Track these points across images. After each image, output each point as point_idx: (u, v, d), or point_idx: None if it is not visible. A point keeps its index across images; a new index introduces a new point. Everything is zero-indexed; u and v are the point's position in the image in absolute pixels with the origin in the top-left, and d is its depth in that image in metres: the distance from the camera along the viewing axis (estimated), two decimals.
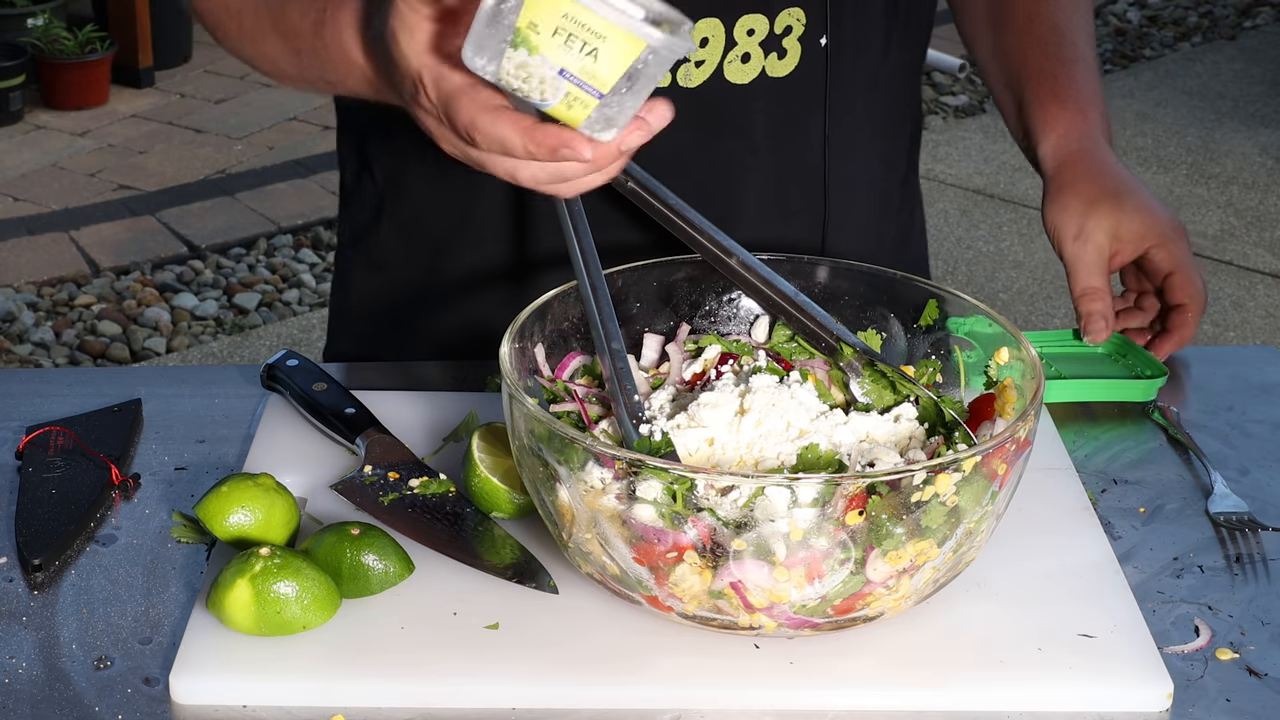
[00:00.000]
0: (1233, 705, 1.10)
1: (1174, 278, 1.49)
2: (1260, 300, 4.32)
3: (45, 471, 1.30)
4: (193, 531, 1.25)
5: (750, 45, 1.40)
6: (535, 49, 0.98)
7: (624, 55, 0.98)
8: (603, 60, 0.98)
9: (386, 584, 1.16)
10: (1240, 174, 5.02)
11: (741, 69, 1.41)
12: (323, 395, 1.36)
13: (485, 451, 1.24)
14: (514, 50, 0.99)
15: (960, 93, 5.57)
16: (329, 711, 1.08)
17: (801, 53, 1.43)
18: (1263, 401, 1.48)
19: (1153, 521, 1.30)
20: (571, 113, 1.01)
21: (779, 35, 1.41)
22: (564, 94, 1.00)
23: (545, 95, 1.00)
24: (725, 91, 1.42)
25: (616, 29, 0.97)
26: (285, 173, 4.85)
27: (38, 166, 4.83)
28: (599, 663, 1.11)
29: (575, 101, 1.00)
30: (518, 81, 1.00)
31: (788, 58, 1.42)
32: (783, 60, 1.42)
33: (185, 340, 3.99)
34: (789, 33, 1.41)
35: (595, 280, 1.20)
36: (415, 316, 1.58)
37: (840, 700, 1.09)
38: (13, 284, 4.16)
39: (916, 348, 1.28)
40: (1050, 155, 1.53)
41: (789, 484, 1.03)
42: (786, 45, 1.42)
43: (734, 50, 1.40)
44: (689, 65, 1.39)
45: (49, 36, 5.09)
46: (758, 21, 1.40)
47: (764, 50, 1.41)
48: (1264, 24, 6.33)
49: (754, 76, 1.42)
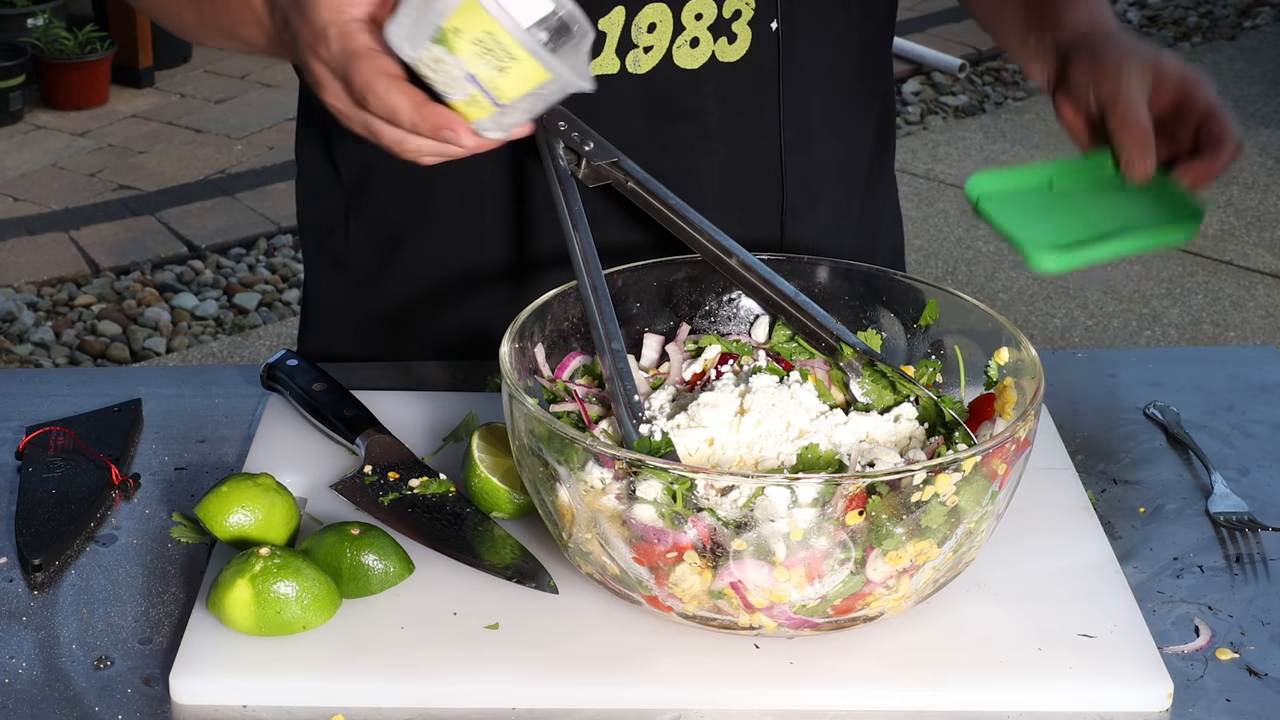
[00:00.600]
0: (1233, 705, 1.10)
1: (1212, 119, 1.32)
2: (1260, 300, 4.32)
3: (45, 471, 1.30)
4: (193, 531, 1.25)
5: (699, 30, 1.39)
6: (453, 50, 1.06)
7: (529, 79, 1.07)
8: (509, 77, 1.07)
9: (386, 584, 1.16)
10: (1240, 174, 5.02)
11: (691, 54, 1.41)
12: (323, 395, 1.36)
13: (485, 451, 1.24)
14: (434, 45, 1.07)
15: (960, 93, 5.57)
16: (329, 711, 1.08)
17: (752, 37, 1.42)
18: (1263, 401, 1.48)
19: (1153, 521, 1.30)
20: (469, 110, 1.10)
21: (728, 20, 1.40)
22: (468, 95, 1.08)
23: (450, 90, 1.09)
24: (675, 77, 1.41)
25: (528, 57, 1.06)
26: (285, 173, 4.85)
27: (38, 166, 4.83)
28: (599, 663, 1.11)
29: (475, 103, 1.09)
30: (429, 70, 1.08)
31: (738, 42, 1.41)
32: (733, 45, 1.41)
33: (185, 340, 3.99)
34: (738, 17, 1.40)
35: (595, 280, 1.21)
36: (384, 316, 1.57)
37: (840, 700, 1.09)
38: (13, 284, 4.16)
39: (916, 348, 1.28)
40: (1068, 37, 1.39)
41: (789, 484, 1.03)
42: (736, 30, 1.41)
43: (682, 35, 1.39)
44: (637, 51, 1.39)
45: (49, 36, 5.09)
46: (705, 6, 1.39)
47: (713, 35, 1.40)
48: (1264, 24, 6.33)
49: (704, 61, 1.41)
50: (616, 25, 1.38)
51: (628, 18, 1.38)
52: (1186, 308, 4.27)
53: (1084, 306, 4.21)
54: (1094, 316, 4.20)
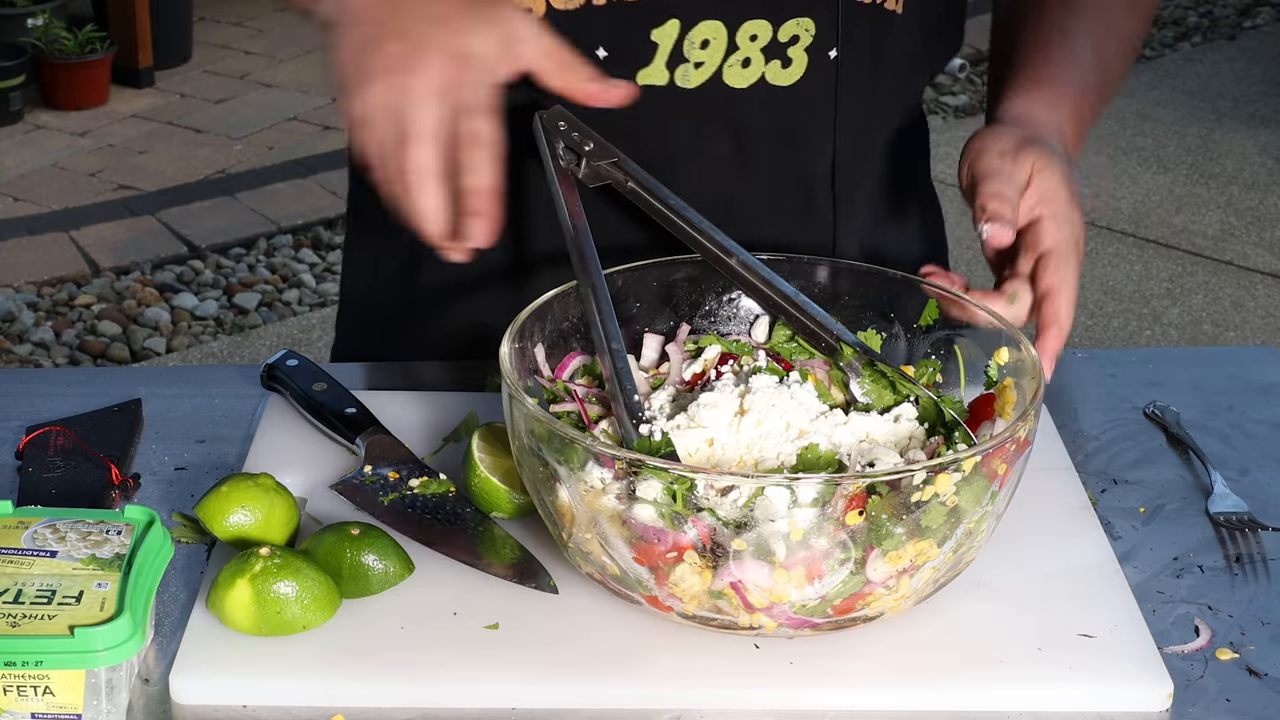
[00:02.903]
0: (1233, 705, 1.10)
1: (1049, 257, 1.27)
2: (1260, 300, 4.32)
3: (45, 471, 1.30)
4: (193, 531, 1.25)
5: (752, 50, 1.39)
6: None
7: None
8: None
9: (386, 584, 1.16)
10: (1240, 174, 5.02)
11: (741, 73, 1.40)
12: (323, 395, 1.36)
13: (485, 451, 1.24)
14: None
15: (960, 93, 5.58)
16: (329, 711, 1.08)
17: (808, 63, 1.41)
18: (1263, 401, 1.48)
19: (1153, 521, 1.30)
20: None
21: (784, 44, 1.39)
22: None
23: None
24: (723, 95, 1.40)
25: None
26: (285, 173, 4.85)
27: (38, 166, 4.83)
28: (599, 663, 1.11)
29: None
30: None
31: (792, 67, 1.40)
32: (787, 69, 1.40)
33: (185, 340, 3.99)
34: (795, 42, 1.40)
35: (595, 280, 1.20)
36: (413, 316, 1.57)
37: (840, 700, 1.09)
38: (13, 284, 4.16)
39: (916, 348, 1.28)
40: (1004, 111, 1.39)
41: (789, 484, 1.03)
42: (792, 54, 1.40)
43: (735, 55, 1.39)
44: (688, 66, 1.39)
45: (49, 36, 5.10)
46: (761, 28, 1.38)
47: (765, 56, 1.39)
48: (1264, 24, 6.33)
49: (753, 81, 1.40)
50: (669, 38, 1.37)
51: (682, 31, 1.37)
52: (1186, 308, 4.27)
53: (1084, 306, 4.21)
54: (1094, 316, 4.20)
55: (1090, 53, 1.46)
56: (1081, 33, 1.47)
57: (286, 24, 6.06)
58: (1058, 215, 1.27)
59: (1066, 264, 1.26)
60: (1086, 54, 1.45)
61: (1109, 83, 1.48)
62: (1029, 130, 1.34)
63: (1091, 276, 4.35)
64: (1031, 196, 1.28)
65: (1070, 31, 1.47)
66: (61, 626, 1.03)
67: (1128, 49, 1.53)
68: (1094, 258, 4.44)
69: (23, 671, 1.03)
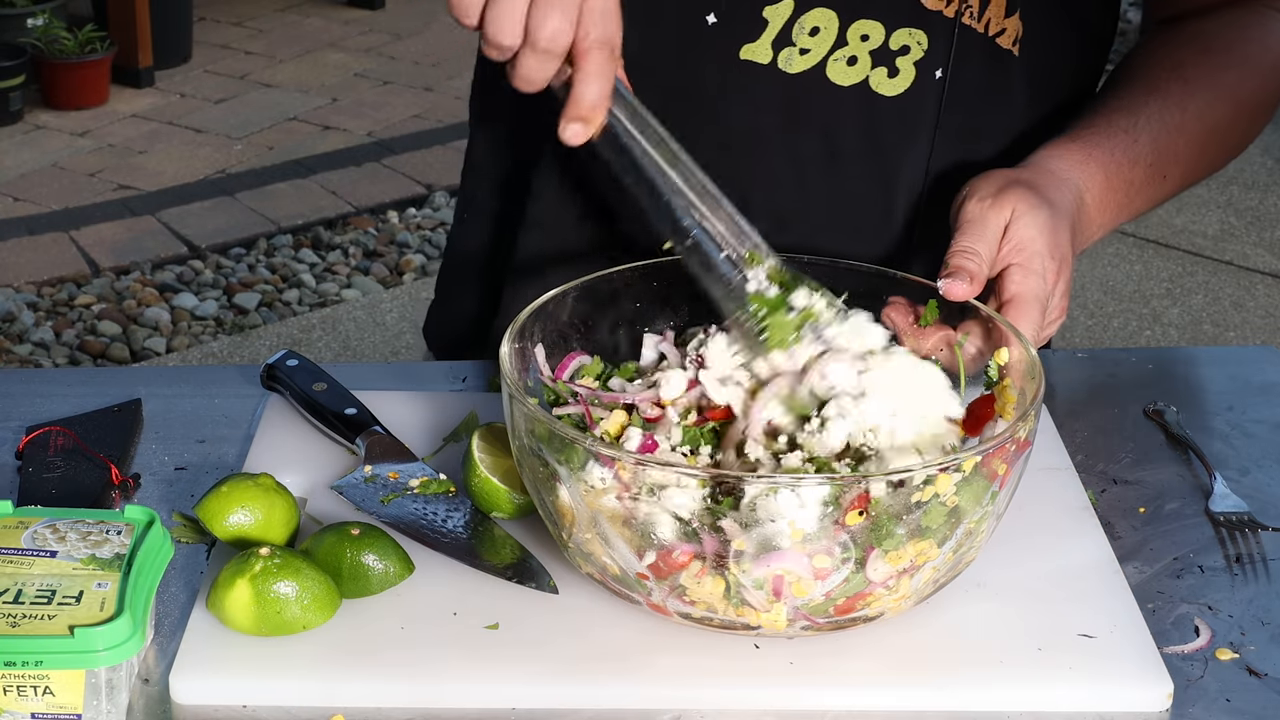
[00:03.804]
0: (1233, 705, 1.10)
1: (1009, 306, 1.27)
2: (1260, 300, 4.32)
3: (45, 471, 1.30)
4: (193, 531, 1.25)
5: (860, 50, 1.36)
6: None
7: None
8: None
9: (386, 584, 1.16)
10: (1240, 174, 5.02)
11: (845, 71, 1.37)
12: (323, 395, 1.36)
13: (485, 451, 1.24)
14: None
15: None
16: (329, 711, 1.08)
17: (915, 77, 1.38)
18: (1263, 401, 1.48)
19: (1153, 521, 1.30)
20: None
21: (894, 51, 1.37)
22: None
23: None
24: (822, 88, 1.38)
25: None
26: (285, 173, 4.85)
27: (38, 166, 4.83)
28: (599, 663, 1.11)
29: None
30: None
31: (898, 78, 1.38)
32: (892, 79, 1.38)
33: (185, 340, 3.99)
34: (905, 52, 1.37)
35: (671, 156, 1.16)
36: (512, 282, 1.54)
37: (840, 700, 1.09)
38: (13, 284, 4.16)
39: (916, 348, 1.28)
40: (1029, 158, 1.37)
41: (791, 484, 1.03)
42: (900, 65, 1.37)
43: (842, 49, 1.36)
44: (793, 50, 1.36)
45: (49, 36, 5.10)
46: (873, 28, 1.36)
47: (873, 60, 1.37)
48: None
49: (855, 82, 1.38)
50: (780, 18, 1.35)
51: (794, 13, 1.35)
52: (1186, 308, 4.27)
53: (1084, 306, 4.21)
54: (1094, 316, 4.20)
55: (1156, 130, 1.41)
56: (1154, 110, 1.42)
57: (286, 24, 6.07)
58: (1025, 265, 1.27)
59: (1024, 315, 1.25)
60: (1150, 128, 1.41)
61: (1170, 163, 1.43)
62: (1030, 175, 1.33)
63: (1091, 276, 4.35)
64: (1005, 244, 1.28)
65: (1138, 107, 1.42)
66: (61, 626, 1.03)
67: (1213, 143, 1.47)
68: (1094, 258, 4.44)
69: (23, 671, 1.03)
